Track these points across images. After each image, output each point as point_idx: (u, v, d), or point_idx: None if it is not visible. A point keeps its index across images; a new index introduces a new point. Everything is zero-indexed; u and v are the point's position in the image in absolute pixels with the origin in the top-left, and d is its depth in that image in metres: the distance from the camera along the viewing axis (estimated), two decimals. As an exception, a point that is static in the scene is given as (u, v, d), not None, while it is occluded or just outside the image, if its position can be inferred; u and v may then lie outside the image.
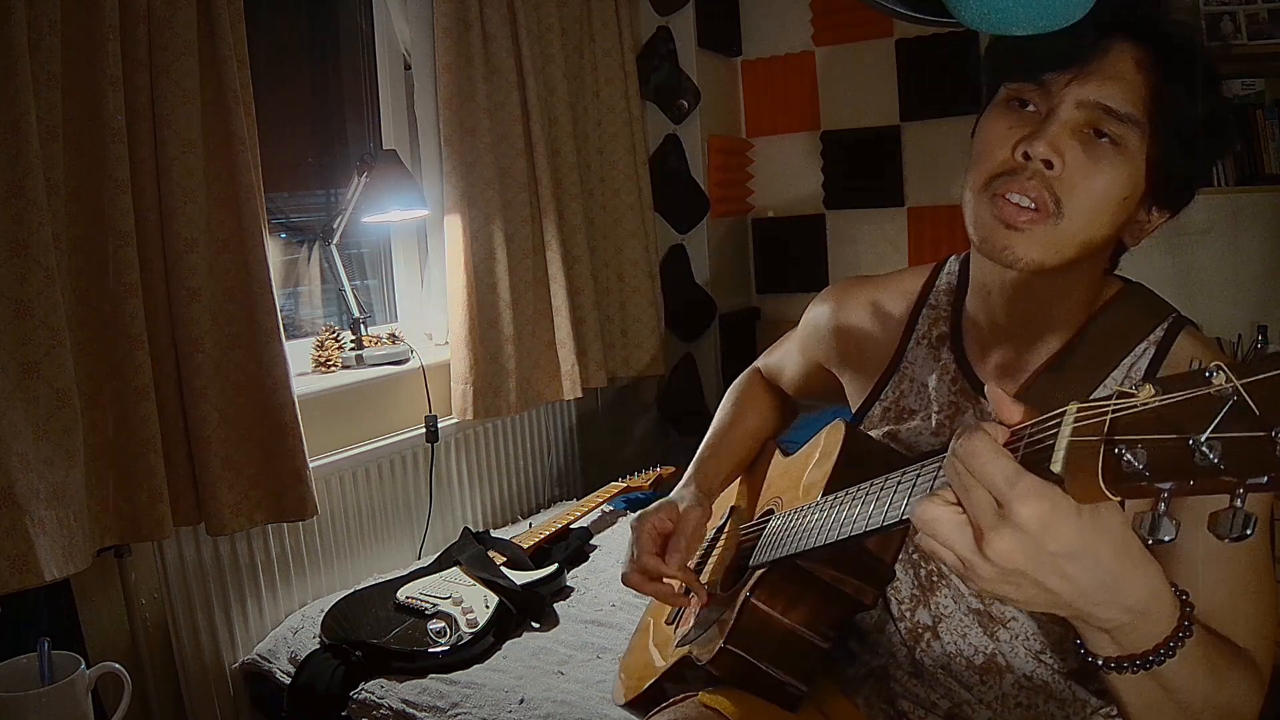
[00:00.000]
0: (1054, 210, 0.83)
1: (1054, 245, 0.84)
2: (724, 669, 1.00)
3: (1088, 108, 0.82)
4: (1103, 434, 0.54)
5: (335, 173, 2.46)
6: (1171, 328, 0.90)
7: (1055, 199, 0.83)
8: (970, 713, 0.96)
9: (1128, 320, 0.91)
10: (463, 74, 2.24)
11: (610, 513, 2.39)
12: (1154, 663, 0.66)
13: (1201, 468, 0.49)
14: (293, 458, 1.74)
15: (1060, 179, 0.82)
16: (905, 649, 0.99)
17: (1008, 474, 0.59)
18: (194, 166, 1.61)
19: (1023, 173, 0.83)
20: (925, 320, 1.06)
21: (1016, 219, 0.83)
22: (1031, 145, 0.82)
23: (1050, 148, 0.81)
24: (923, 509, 0.64)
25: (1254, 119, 2.53)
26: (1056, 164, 0.82)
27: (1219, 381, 0.49)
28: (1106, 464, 0.53)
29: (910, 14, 0.95)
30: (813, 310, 1.20)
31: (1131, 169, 0.83)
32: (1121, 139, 0.82)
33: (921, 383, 1.03)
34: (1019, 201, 0.83)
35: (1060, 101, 0.83)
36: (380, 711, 1.57)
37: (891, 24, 2.92)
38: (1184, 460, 0.50)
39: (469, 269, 2.26)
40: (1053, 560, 0.59)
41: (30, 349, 1.38)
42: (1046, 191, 0.83)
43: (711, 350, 3.19)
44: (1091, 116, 0.82)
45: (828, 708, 1.05)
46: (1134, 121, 0.82)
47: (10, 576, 1.31)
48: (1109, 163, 0.83)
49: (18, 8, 1.34)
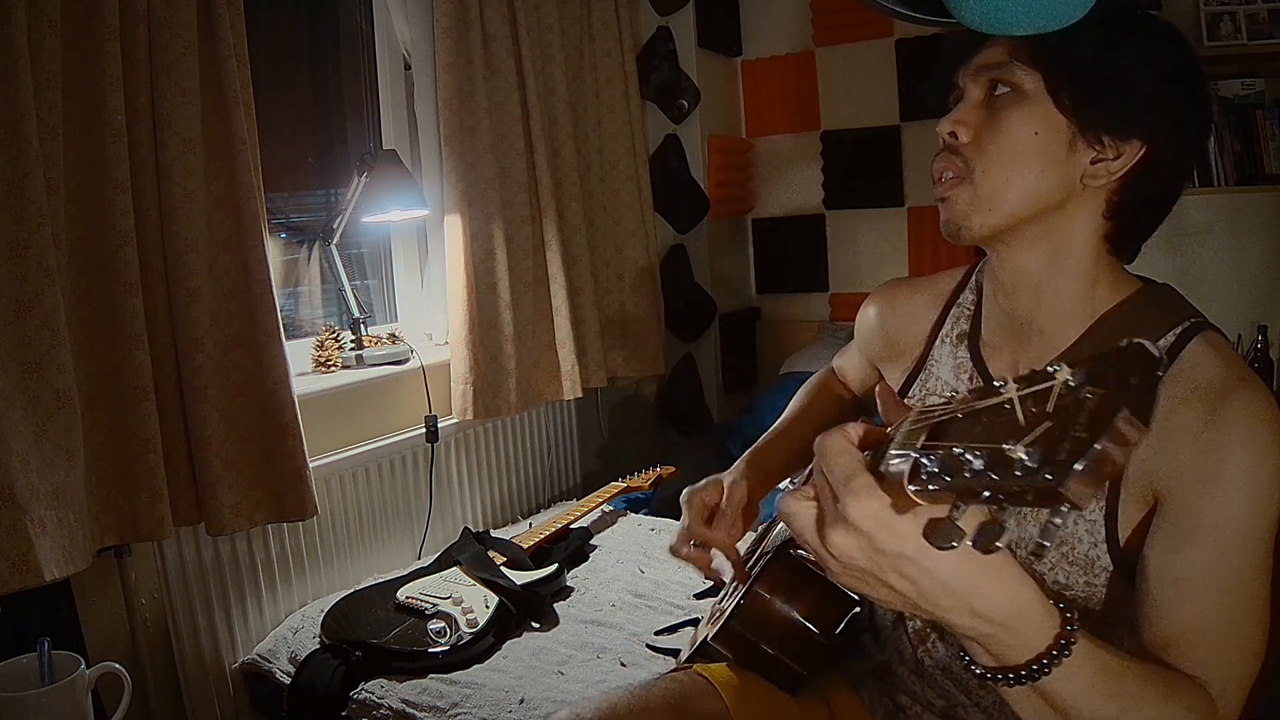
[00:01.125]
0: (965, 170, 0.89)
1: (983, 203, 0.89)
2: (726, 645, 1.04)
3: (983, 73, 0.89)
4: (920, 441, 0.54)
5: (335, 173, 2.46)
6: (1187, 331, 0.86)
7: (965, 160, 0.89)
8: (964, 715, 0.97)
9: (1140, 320, 0.89)
10: (463, 74, 2.24)
11: (610, 513, 2.39)
12: (1027, 678, 0.64)
13: (969, 479, 0.49)
14: (293, 458, 1.74)
15: (968, 144, 0.89)
16: (911, 648, 1.01)
17: (846, 471, 0.60)
18: (194, 166, 1.61)
19: (943, 154, 0.91)
20: (952, 318, 1.07)
21: (943, 191, 0.91)
22: (939, 127, 0.91)
23: (950, 121, 0.90)
24: (783, 500, 0.65)
25: (1254, 119, 2.54)
26: (961, 132, 0.89)
27: (1009, 392, 0.50)
28: (914, 468, 0.53)
29: (910, 14, 0.96)
30: (864, 310, 1.22)
31: (1035, 107, 0.87)
32: (1013, 83, 0.87)
33: (944, 380, 1.04)
34: (941, 173, 0.91)
35: (964, 85, 0.91)
36: (380, 711, 1.57)
37: (891, 24, 2.93)
38: (957, 469, 0.50)
39: (469, 269, 2.26)
40: (889, 560, 0.59)
41: (30, 349, 1.38)
42: (959, 159, 0.89)
43: (711, 350, 3.19)
44: (987, 81, 0.89)
45: (832, 698, 1.08)
46: (1011, 64, 0.87)
47: (10, 576, 1.31)
48: (1008, 110, 0.88)
49: (18, 8, 1.34)
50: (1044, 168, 0.87)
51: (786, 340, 3.24)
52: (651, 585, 1.94)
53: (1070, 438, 0.44)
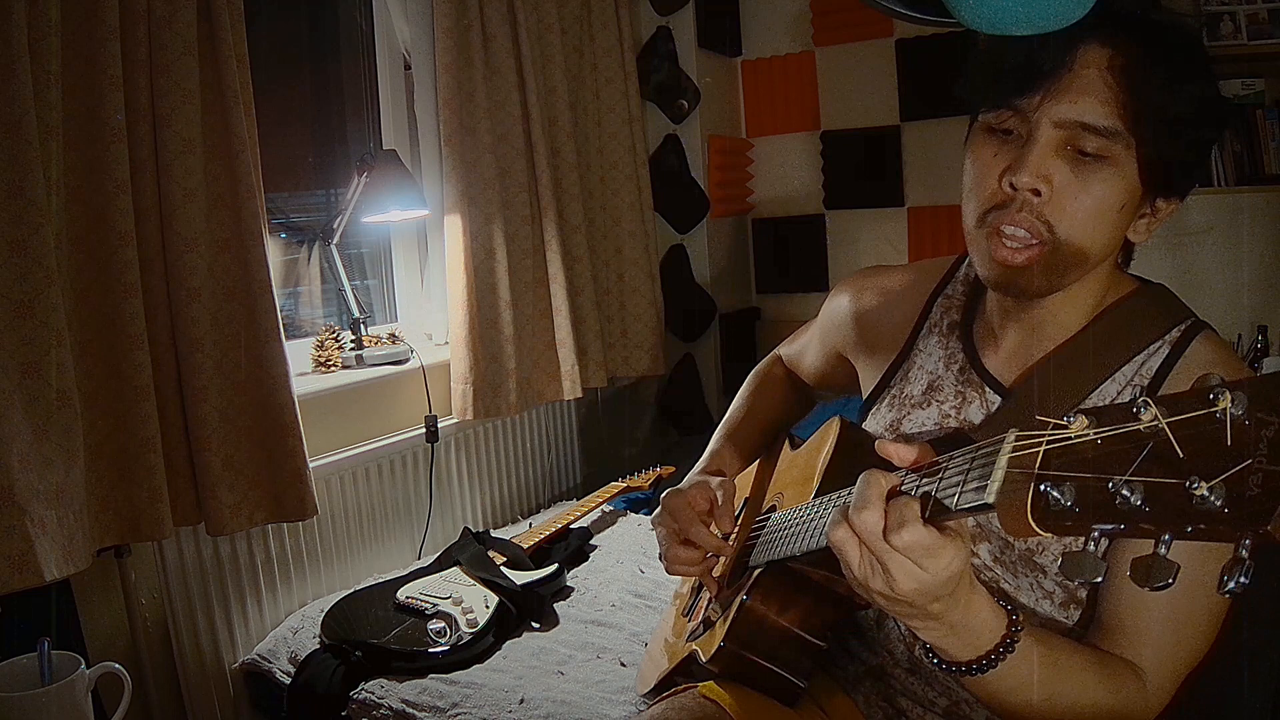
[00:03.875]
0: (1047, 236, 0.83)
1: (1056, 268, 0.85)
2: (723, 666, 1.01)
3: (1065, 127, 0.81)
4: (1034, 468, 0.53)
5: (335, 173, 2.46)
6: (1189, 330, 0.88)
7: (1047, 224, 0.83)
8: (968, 711, 0.96)
9: (1140, 318, 0.90)
10: (463, 74, 2.24)
11: (610, 513, 2.38)
12: (978, 670, 0.74)
13: (1123, 511, 0.47)
14: (293, 458, 1.74)
15: (1049, 203, 0.82)
16: (903, 646, 1.00)
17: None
18: (194, 166, 1.61)
19: (1013, 204, 0.83)
20: (939, 309, 1.05)
21: (1014, 258, 0.84)
22: (1016, 176, 0.82)
23: (1034, 175, 0.81)
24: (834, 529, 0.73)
25: (1254, 119, 2.53)
26: (1044, 190, 0.82)
27: (1146, 418, 0.47)
28: (1035, 500, 0.52)
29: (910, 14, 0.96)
30: (833, 297, 1.20)
31: (1123, 178, 0.82)
32: (1107, 151, 0.81)
33: (930, 371, 1.03)
34: (1013, 233, 0.83)
35: (1037, 125, 0.82)
36: (380, 711, 1.57)
37: (891, 24, 2.92)
38: (1106, 502, 0.48)
39: (469, 269, 2.26)
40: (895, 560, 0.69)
41: (30, 349, 1.38)
42: (1038, 220, 0.83)
43: (711, 350, 3.19)
44: (1071, 134, 0.81)
45: (827, 705, 1.06)
46: (1115, 133, 0.80)
47: (10, 576, 1.31)
48: (1098, 178, 0.82)
49: (18, 8, 1.34)
50: (1114, 235, 0.86)
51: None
52: (651, 585, 1.94)
53: (1260, 471, 0.42)
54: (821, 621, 0.98)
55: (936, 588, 0.67)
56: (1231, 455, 0.43)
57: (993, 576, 0.93)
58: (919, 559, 0.65)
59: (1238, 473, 0.43)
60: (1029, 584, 0.91)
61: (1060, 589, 0.90)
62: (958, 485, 0.62)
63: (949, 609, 0.70)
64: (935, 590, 0.67)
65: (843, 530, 0.69)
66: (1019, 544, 0.90)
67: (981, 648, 0.73)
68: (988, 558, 0.93)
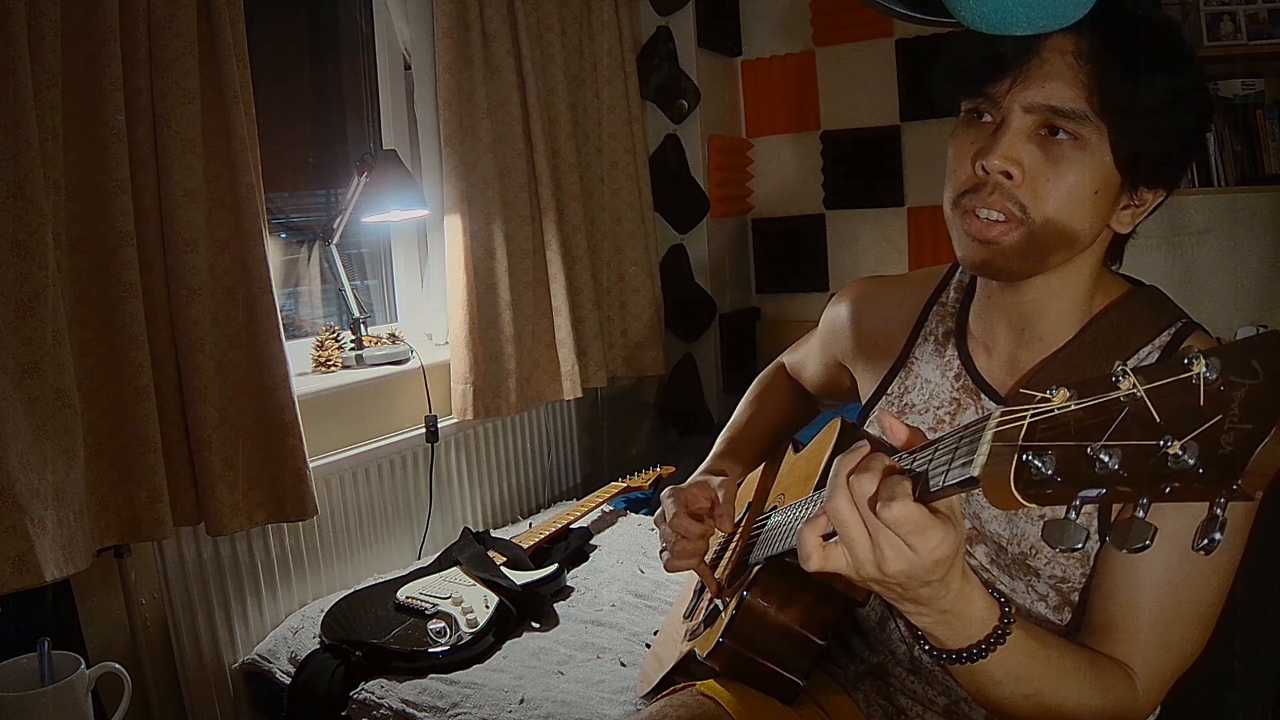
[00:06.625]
0: (1021, 217, 0.84)
1: (1031, 251, 0.85)
2: (722, 662, 1.01)
3: (1035, 111, 0.82)
4: (1018, 440, 0.54)
5: (335, 173, 2.46)
6: (1181, 332, 0.89)
7: (1020, 206, 0.84)
8: (968, 710, 0.97)
9: (1131, 321, 0.91)
10: (463, 74, 2.24)
11: (610, 513, 2.39)
12: (968, 659, 0.74)
13: (1102, 476, 0.48)
14: (293, 458, 1.74)
15: (1022, 186, 0.83)
16: (904, 646, 1.00)
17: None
18: (194, 166, 1.61)
19: (985, 187, 0.84)
20: (934, 317, 1.06)
21: (987, 233, 0.85)
22: (986, 159, 0.83)
23: (1004, 158, 0.82)
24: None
25: (1254, 119, 2.53)
26: (1015, 173, 0.83)
27: (1125, 386, 0.48)
28: (1018, 471, 0.53)
29: (910, 14, 0.96)
30: (832, 307, 1.21)
31: (1096, 162, 0.83)
32: (1078, 134, 0.82)
33: (926, 379, 1.03)
34: (987, 216, 0.85)
35: (1009, 110, 0.83)
36: (380, 711, 1.57)
37: (891, 24, 2.92)
38: (1086, 468, 0.49)
39: (469, 269, 2.26)
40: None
41: (30, 349, 1.38)
42: (1010, 202, 0.84)
43: (711, 350, 3.19)
44: (1041, 119, 0.83)
45: (827, 704, 1.06)
46: (1083, 116, 0.81)
47: (10, 576, 1.31)
48: (1070, 160, 0.83)
49: (18, 8, 1.34)
50: (1093, 220, 0.86)
51: (786, 340, 3.19)
52: (651, 585, 1.94)
53: (1232, 430, 0.43)
54: (822, 620, 0.98)
55: (924, 571, 0.67)
56: (1204, 416, 0.45)
57: (989, 578, 0.93)
58: (907, 535, 0.65)
59: (1209, 430, 0.44)
60: (1024, 587, 0.92)
61: (1054, 592, 0.91)
62: (947, 463, 0.63)
63: (938, 594, 0.70)
64: (923, 574, 0.67)
65: (841, 496, 0.68)
66: (1013, 547, 0.91)
67: (972, 637, 0.73)
68: (984, 559, 0.94)
